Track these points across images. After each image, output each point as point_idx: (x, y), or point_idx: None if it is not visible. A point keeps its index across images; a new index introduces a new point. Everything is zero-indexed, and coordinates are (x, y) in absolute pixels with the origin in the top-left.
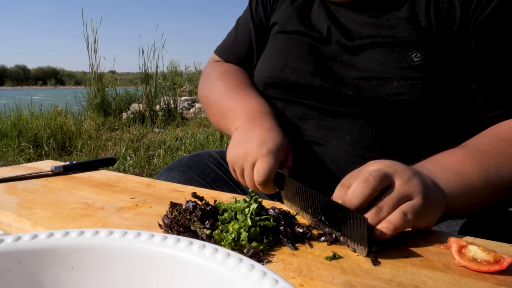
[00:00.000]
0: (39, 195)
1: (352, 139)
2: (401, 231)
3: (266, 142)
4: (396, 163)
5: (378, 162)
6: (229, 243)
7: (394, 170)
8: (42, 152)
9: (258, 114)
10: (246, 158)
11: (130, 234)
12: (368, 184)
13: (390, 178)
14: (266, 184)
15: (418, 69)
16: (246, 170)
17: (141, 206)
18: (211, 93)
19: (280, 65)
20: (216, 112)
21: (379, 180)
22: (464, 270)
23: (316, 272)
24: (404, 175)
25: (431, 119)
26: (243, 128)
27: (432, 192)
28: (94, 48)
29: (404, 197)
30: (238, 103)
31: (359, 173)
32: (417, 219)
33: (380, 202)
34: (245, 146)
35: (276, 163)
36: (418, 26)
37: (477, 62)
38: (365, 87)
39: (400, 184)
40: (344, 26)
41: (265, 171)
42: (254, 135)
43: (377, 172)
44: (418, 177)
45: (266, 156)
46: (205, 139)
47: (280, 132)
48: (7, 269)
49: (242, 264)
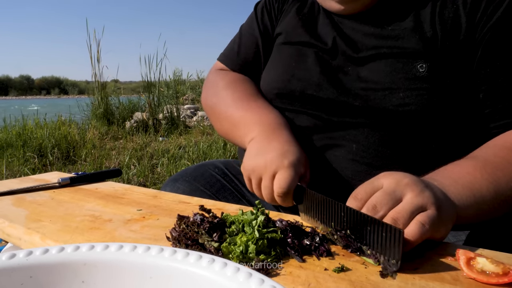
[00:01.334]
0: (47, 207)
1: (358, 147)
2: (420, 242)
3: (286, 154)
4: (406, 175)
5: (389, 176)
6: (237, 255)
7: (405, 184)
8: (46, 162)
9: (275, 125)
10: (265, 169)
11: (139, 248)
12: (375, 212)
13: (400, 196)
14: (286, 196)
15: (424, 79)
16: (265, 181)
17: (148, 218)
18: (218, 102)
19: (287, 76)
20: (225, 122)
21: (387, 207)
22: (472, 283)
23: (325, 285)
24: (416, 188)
25: (438, 129)
26: (260, 139)
27: (444, 204)
28: (97, 58)
29: (418, 208)
30: (251, 114)
31: (370, 187)
32: (433, 229)
33: (394, 214)
34: (264, 157)
35: (297, 176)
36: (424, 36)
37: (484, 72)
38: (371, 97)
39: (412, 196)
40: (349, 37)
41: (287, 182)
42: (272, 147)
43: (383, 197)
44: (429, 189)
45: (288, 168)
46: (208, 147)
47: (298, 146)
48: (19, 284)
49: (252, 279)
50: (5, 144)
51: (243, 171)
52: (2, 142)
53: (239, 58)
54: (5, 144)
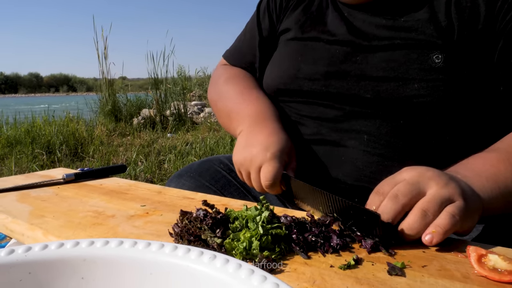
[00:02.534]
0: (51, 203)
1: (370, 138)
2: (450, 234)
3: (269, 147)
4: (430, 169)
5: (412, 170)
6: (240, 252)
7: (428, 177)
8: (55, 159)
9: (261, 118)
10: (251, 163)
11: (140, 244)
12: (397, 201)
13: (423, 188)
14: (273, 186)
15: (439, 70)
16: (252, 174)
17: (152, 214)
18: (219, 98)
19: (293, 71)
20: (224, 116)
21: (408, 197)
22: (484, 280)
23: (330, 282)
24: (440, 180)
25: (452, 120)
26: (246, 132)
27: (469, 196)
28: (104, 55)
29: (446, 199)
30: (243, 107)
31: (392, 182)
32: (463, 220)
33: (424, 205)
34: (250, 151)
35: (281, 166)
36: (439, 26)
37: (508, 63)
38: (383, 89)
39: (438, 188)
40: (360, 30)
41: (271, 174)
42: (256, 141)
43: (406, 188)
44: (454, 181)
45: (271, 160)
46: (215, 143)
47: (283, 135)
48: (18, 280)
49: (254, 276)
50: (14, 141)
51: (234, 164)
52: (11, 139)
53: (241, 55)
54: (14, 141)
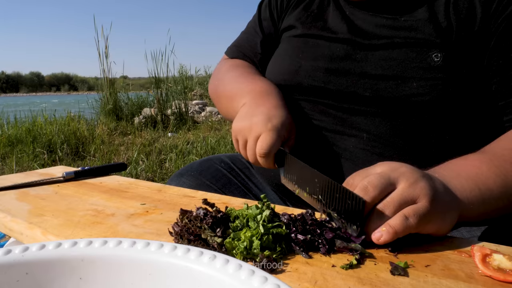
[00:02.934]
0: (50, 202)
1: (369, 137)
2: (402, 235)
3: (271, 118)
4: (404, 165)
5: (385, 164)
6: (241, 251)
7: (400, 173)
8: (56, 158)
9: (265, 92)
10: (250, 131)
11: (139, 244)
12: (366, 193)
13: (394, 183)
14: (267, 157)
15: (438, 69)
16: (249, 142)
17: (152, 212)
18: (219, 83)
19: (294, 67)
20: (223, 99)
21: (378, 190)
22: (488, 280)
23: (332, 282)
24: (410, 177)
25: (451, 119)
26: (249, 104)
27: (441, 196)
28: (105, 54)
29: (407, 200)
30: (245, 85)
31: (364, 174)
32: (421, 223)
33: (381, 205)
34: (251, 120)
35: (279, 139)
36: (438, 26)
37: (497, 63)
38: (382, 87)
39: (404, 187)
40: (360, 28)
41: (268, 144)
42: (259, 111)
43: (377, 180)
44: (425, 180)
45: (270, 131)
46: (217, 142)
47: (286, 110)
48: (15, 281)
49: (254, 276)
50: (15, 140)
51: (232, 132)
52: (12, 138)
53: (242, 51)
54: (15, 140)
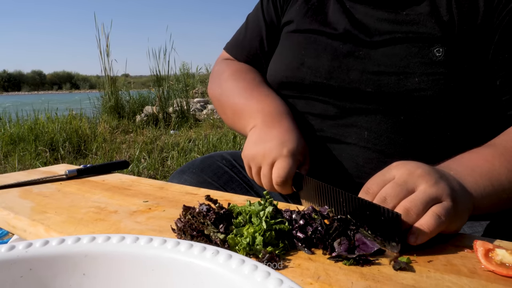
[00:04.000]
0: (53, 199)
1: (370, 135)
2: (435, 235)
3: (286, 143)
4: (420, 166)
5: (401, 168)
6: (243, 247)
7: (417, 176)
8: (58, 156)
9: (276, 113)
10: (264, 157)
11: (142, 240)
12: (385, 205)
13: (412, 188)
14: (285, 184)
15: (440, 64)
16: (264, 169)
17: (154, 209)
18: (223, 93)
19: (296, 64)
20: (229, 112)
21: (397, 200)
22: (491, 275)
23: (335, 278)
24: (430, 178)
25: (453, 115)
26: (261, 127)
27: (460, 196)
28: (106, 52)
29: (433, 199)
30: (254, 103)
31: (380, 181)
32: (449, 222)
33: (407, 204)
34: (263, 145)
35: (295, 164)
36: (440, 20)
37: (502, 57)
38: (384, 82)
39: (427, 187)
40: (361, 23)
41: (285, 171)
42: (272, 135)
43: (394, 190)
44: (444, 180)
45: (286, 156)
46: (218, 140)
47: (299, 134)
48: (19, 276)
49: (257, 272)
50: (17, 138)
51: (243, 158)
52: (14, 137)
53: (245, 48)
54: (17, 139)
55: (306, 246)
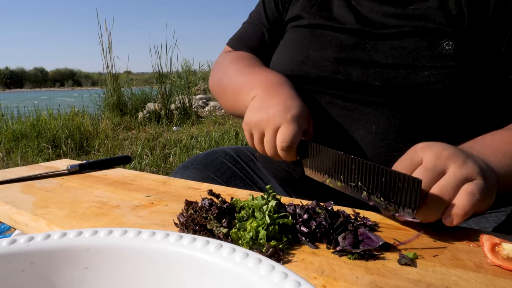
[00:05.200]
0: (55, 194)
1: (378, 129)
2: (471, 214)
3: (289, 108)
4: (446, 147)
5: (427, 150)
6: (247, 242)
7: (445, 158)
8: (60, 152)
9: (277, 83)
10: (268, 123)
11: (144, 234)
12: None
13: (442, 170)
14: (290, 150)
15: (450, 57)
16: (268, 135)
17: (157, 204)
18: (223, 76)
19: (301, 57)
20: (229, 93)
21: (429, 185)
22: (498, 270)
23: (339, 272)
24: (458, 159)
25: (463, 109)
26: (262, 95)
27: (487, 173)
28: (108, 49)
29: (463, 180)
30: (253, 76)
31: (410, 164)
32: (483, 199)
33: (439, 188)
34: (267, 112)
35: (300, 130)
36: (449, 14)
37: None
38: (392, 76)
39: (456, 169)
40: (367, 18)
41: (290, 136)
42: (275, 102)
43: (425, 175)
44: (471, 159)
45: (291, 121)
46: (220, 137)
47: (301, 100)
48: (20, 270)
49: (261, 265)
50: (20, 135)
51: (244, 126)
52: (17, 133)
53: (246, 41)
54: (20, 135)
55: (310, 241)
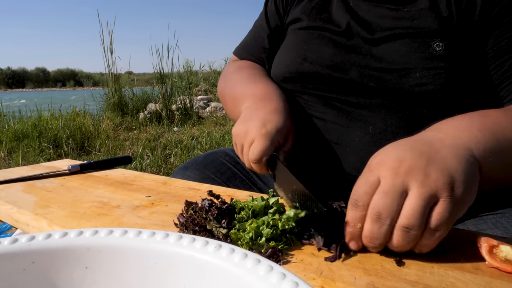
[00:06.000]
0: (56, 194)
1: (375, 129)
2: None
3: (266, 123)
4: (402, 154)
5: (382, 164)
6: (246, 242)
7: (404, 172)
8: (61, 152)
9: (266, 95)
10: (246, 136)
11: (144, 234)
12: (382, 223)
13: (404, 191)
14: (259, 163)
15: (441, 58)
16: (244, 148)
17: (157, 204)
18: (225, 86)
19: (299, 58)
20: (230, 102)
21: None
22: (495, 272)
23: (338, 273)
24: (418, 173)
25: (456, 109)
26: (249, 108)
27: (457, 175)
28: (110, 49)
29: (429, 201)
30: (248, 88)
31: (366, 185)
32: (454, 218)
33: (405, 221)
34: (247, 124)
35: (271, 145)
36: (440, 16)
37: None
38: (386, 78)
39: (419, 188)
40: (363, 20)
41: (258, 151)
42: (256, 115)
43: (385, 202)
44: (435, 166)
45: (263, 136)
46: (221, 137)
47: (284, 115)
48: (22, 269)
49: (260, 265)
50: (21, 134)
51: (232, 136)
52: (18, 133)
53: (250, 49)
54: (21, 135)
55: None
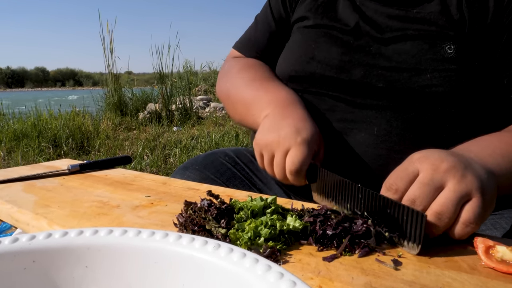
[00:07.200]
0: (56, 193)
1: (380, 131)
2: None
3: (300, 131)
4: (444, 157)
5: (425, 160)
6: (245, 242)
7: (443, 171)
8: (61, 152)
9: (289, 102)
10: (279, 145)
11: (144, 233)
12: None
13: (441, 185)
14: (298, 174)
15: (452, 61)
16: (277, 158)
17: (157, 204)
18: (232, 86)
19: (306, 58)
20: (238, 105)
21: (426, 201)
22: (491, 272)
23: (335, 273)
24: (456, 172)
25: (464, 112)
26: (273, 116)
27: (487, 185)
28: (110, 49)
29: (463, 196)
30: (264, 93)
31: (405, 175)
32: (480, 221)
33: (438, 208)
34: (278, 133)
35: (310, 153)
36: (451, 19)
37: (509, 57)
38: (395, 78)
39: (455, 184)
40: (372, 20)
41: (299, 160)
42: (286, 123)
43: (422, 191)
44: (471, 171)
45: (301, 145)
46: (221, 138)
47: (314, 123)
48: (22, 268)
49: (258, 265)
50: (20, 134)
51: (254, 146)
52: (17, 133)
53: (254, 45)
54: (20, 135)
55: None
